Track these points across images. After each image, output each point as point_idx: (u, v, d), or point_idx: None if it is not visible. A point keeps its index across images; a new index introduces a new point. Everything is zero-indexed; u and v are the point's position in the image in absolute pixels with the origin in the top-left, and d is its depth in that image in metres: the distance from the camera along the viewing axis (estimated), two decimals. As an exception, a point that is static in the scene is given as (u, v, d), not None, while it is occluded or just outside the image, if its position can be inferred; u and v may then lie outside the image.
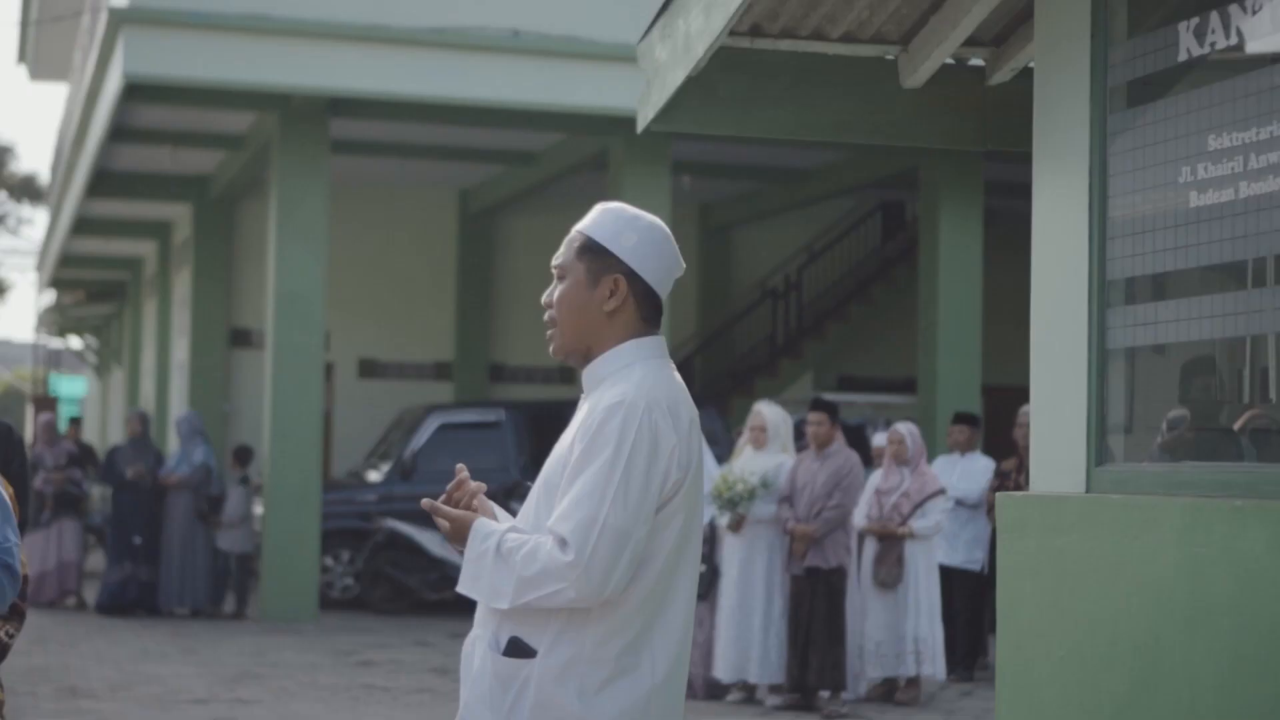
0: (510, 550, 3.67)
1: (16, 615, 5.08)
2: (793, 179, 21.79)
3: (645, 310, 3.82)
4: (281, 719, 11.31)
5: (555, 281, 3.86)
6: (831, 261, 24.64)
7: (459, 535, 3.76)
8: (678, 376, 3.81)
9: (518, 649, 3.69)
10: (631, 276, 3.79)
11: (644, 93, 5.81)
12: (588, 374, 3.83)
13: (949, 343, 18.04)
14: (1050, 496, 4.96)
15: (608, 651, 3.65)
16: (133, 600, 17.60)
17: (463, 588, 3.73)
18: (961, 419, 14.52)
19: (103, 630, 16.27)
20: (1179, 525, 4.43)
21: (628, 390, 3.68)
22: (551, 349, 3.90)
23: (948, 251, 18.00)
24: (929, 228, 18.45)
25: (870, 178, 20.78)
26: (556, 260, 3.86)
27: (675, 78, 5.52)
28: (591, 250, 3.81)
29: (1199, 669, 4.34)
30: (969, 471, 14.04)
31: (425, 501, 3.86)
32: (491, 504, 3.87)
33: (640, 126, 5.97)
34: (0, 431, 6.07)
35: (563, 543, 3.60)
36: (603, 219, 3.85)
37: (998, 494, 5.24)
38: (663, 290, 3.85)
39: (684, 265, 3.92)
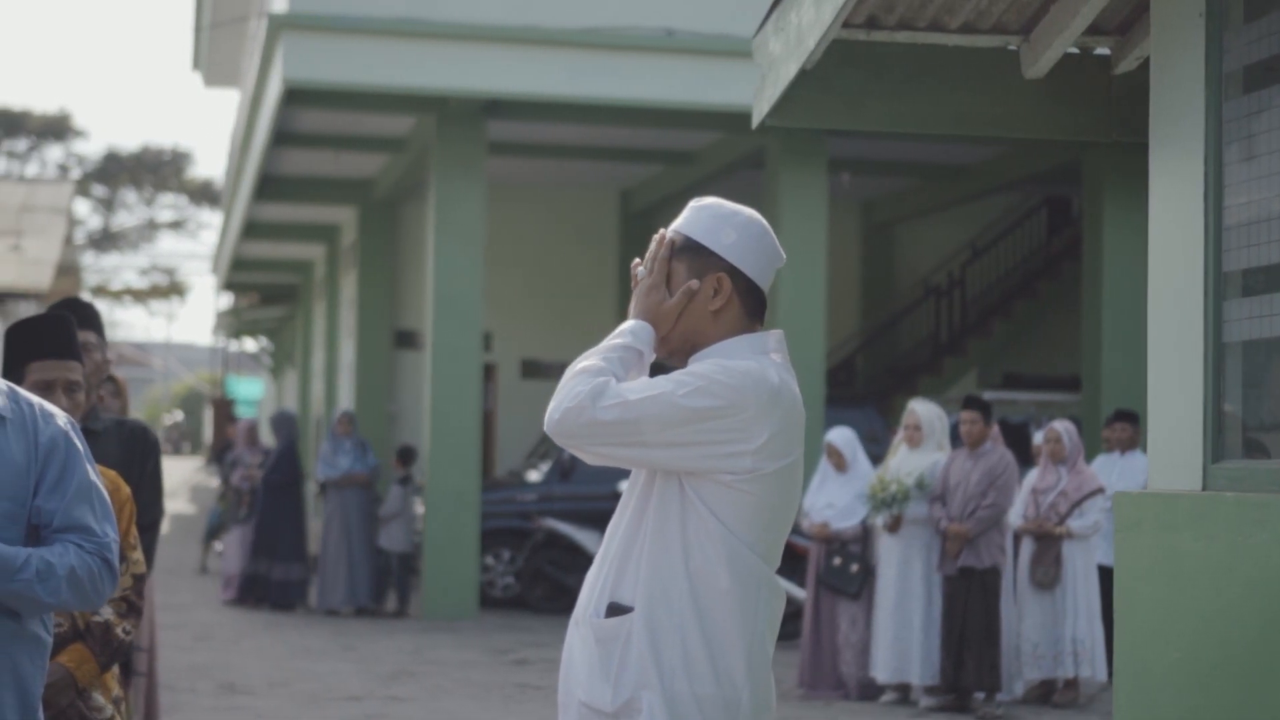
0: (611, 355, 3.73)
1: (134, 612, 5.14)
2: (954, 174, 21.56)
3: (750, 306, 3.79)
4: (433, 716, 11.40)
5: None
6: (996, 258, 24.33)
7: (651, 295, 3.80)
8: (793, 375, 3.76)
9: (616, 610, 3.72)
10: (734, 273, 3.76)
11: (759, 87, 5.76)
12: (694, 360, 3.81)
13: (1114, 339, 17.71)
14: (1165, 494, 4.84)
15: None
16: (256, 596, 18.02)
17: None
18: (1122, 416, 14.22)
19: (267, 628, 16.52)
20: (1292, 523, 4.30)
21: (744, 365, 3.68)
22: (657, 350, 3.88)
23: (1112, 245, 17.67)
24: (1093, 221, 18.14)
25: (1032, 172, 20.49)
26: (668, 236, 3.85)
27: (788, 71, 5.46)
28: (691, 249, 3.79)
29: (1312, 671, 4.21)
30: (1129, 470, 13.76)
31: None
32: None
33: (755, 121, 5.91)
34: (136, 432, 6.16)
35: (598, 393, 3.64)
36: (699, 217, 3.82)
37: (1116, 492, 5.12)
38: (765, 284, 3.81)
39: (784, 257, 3.87)
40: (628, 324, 3.82)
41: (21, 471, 3.94)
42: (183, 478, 51.09)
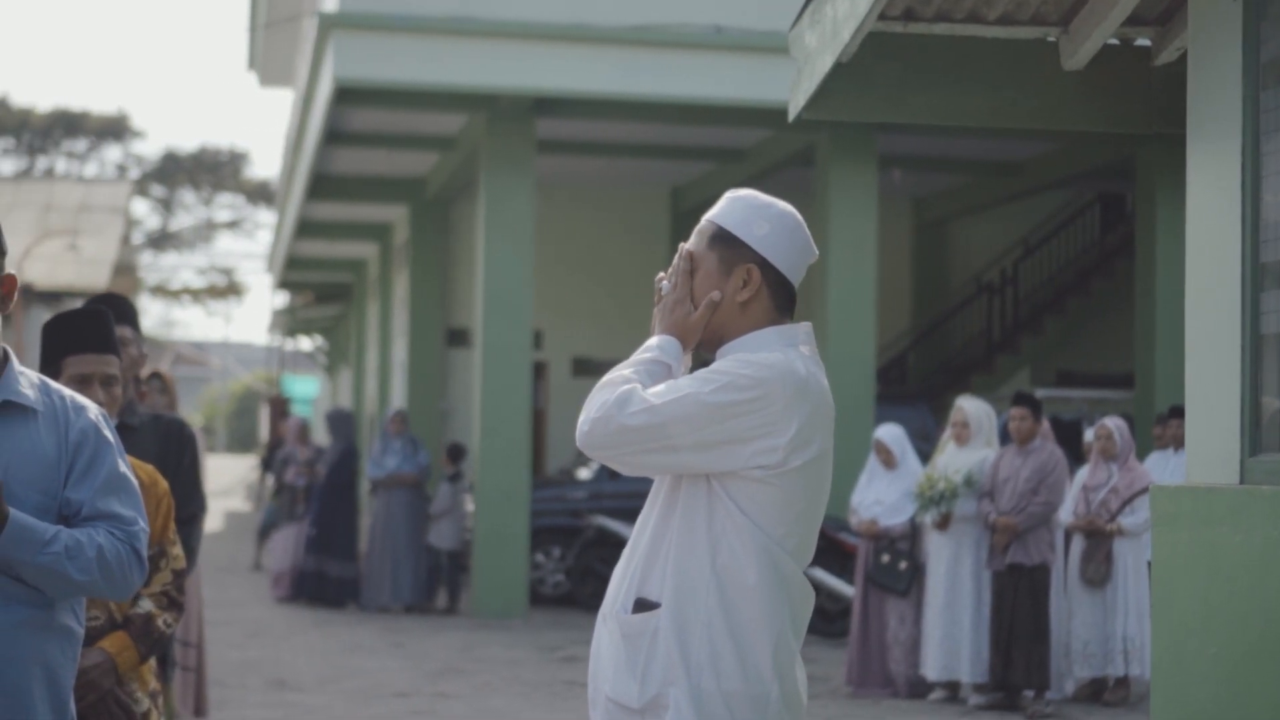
0: (639, 367, 3.73)
1: (174, 607, 5.15)
2: (1006, 171, 21.44)
3: (779, 299, 3.78)
4: (479, 713, 11.41)
5: None
6: (1049, 255, 24.20)
7: (677, 310, 3.79)
8: (821, 369, 3.75)
9: (643, 606, 3.71)
10: (764, 266, 3.75)
11: (795, 80, 5.73)
12: (722, 353, 3.81)
13: (1167, 336, 17.56)
14: (1202, 488, 4.79)
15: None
16: (309, 593, 18.07)
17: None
18: (1177, 413, 14.07)
19: (317, 625, 16.57)
20: (1329, 517, 4.25)
21: (768, 357, 3.67)
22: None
23: (1165, 241, 17.53)
24: (1145, 217, 18.02)
25: (1085, 167, 20.36)
26: (688, 249, 3.84)
27: (824, 64, 5.43)
28: (723, 240, 3.79)
29: (1349, 666, 4.16)
30: (1183, 467, 13.63)
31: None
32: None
33: (792, 115, 5.88)
34: (172, 427, 6.18)
35: (624, 401, 3.65)
36: (733, 207, 3.83)
37: (1153, 486, 5.08)
38: (795, 278, 3.80)
39: (817, 253, 3.85)
40: (654, 339, 3.81)
41: (52, 464, 3.94)
42: (238, 476, 51.38)
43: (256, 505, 28.01)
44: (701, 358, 3.88)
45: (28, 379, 4.01)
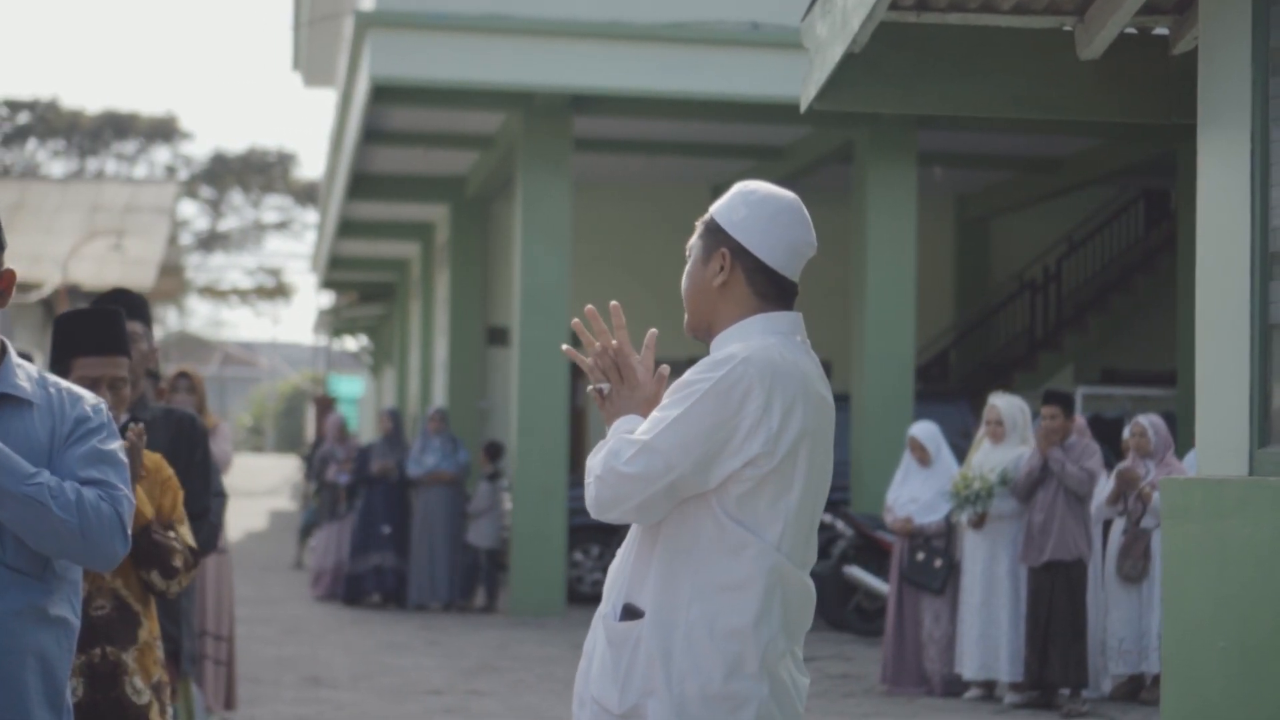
0: (627, 433, 3.73)
1: (187, 566, 5.24)
2: (1049, 167, 21.32)
3: (759, 286, 3.76)
4: (512, 710, 11.40)
5: None
6: (1092, 252, 24.06)
7: (635, 394, 3.84)
8: (810, 358, 3.72)
9: (630, 613, 3.71)
10: (739, 251, 3.73)
11: (807, 71, 5.69)
12: (714, 345, 3.82)
13: (1209, 333, 17.43)
14: (1212, 480, 4.73)
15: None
16: (376, 590, 18.05)
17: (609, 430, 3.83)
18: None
19: (354, 622, 16.60)
20: (1336, 508, 4.19)
21: (739, 349, 3.67)
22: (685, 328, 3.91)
23: (1206, 238, 17.41)
24: (1188, 213, 17.87)
25: (1128, 163, 20.24)
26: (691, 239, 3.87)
27: (835, 54, 5.40)
28: (709, 227, 3.84)
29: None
30: (1220, 464, 13.52)
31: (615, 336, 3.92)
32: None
33: (803, 106, 5.85)
34: (184, 422, 6.18)
35: (616, 452, 3.68)
36: (727, 196, 3.89)
37: (1162, 479, 5.03)
38: (781, 266, 3.75)
39: (811, 243, 3.81)
40: (620, 420, 3.81)
41: (45, 455, 3.94)
42: (284, 475, 51.55)
43: (302, 504, 28.10)
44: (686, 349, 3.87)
45: (25, 371, 4.03)
